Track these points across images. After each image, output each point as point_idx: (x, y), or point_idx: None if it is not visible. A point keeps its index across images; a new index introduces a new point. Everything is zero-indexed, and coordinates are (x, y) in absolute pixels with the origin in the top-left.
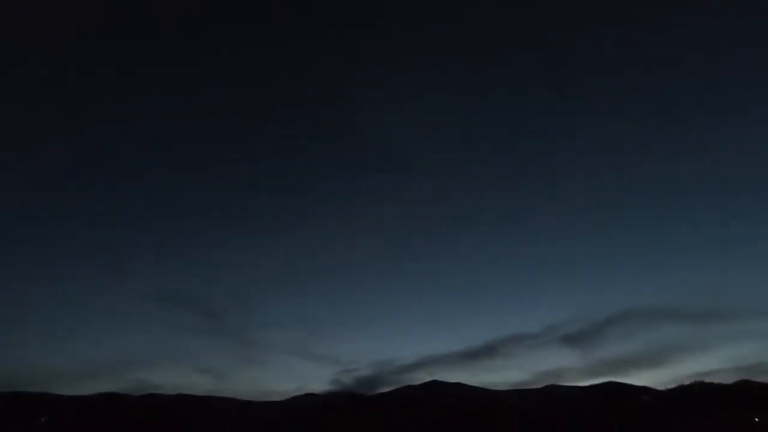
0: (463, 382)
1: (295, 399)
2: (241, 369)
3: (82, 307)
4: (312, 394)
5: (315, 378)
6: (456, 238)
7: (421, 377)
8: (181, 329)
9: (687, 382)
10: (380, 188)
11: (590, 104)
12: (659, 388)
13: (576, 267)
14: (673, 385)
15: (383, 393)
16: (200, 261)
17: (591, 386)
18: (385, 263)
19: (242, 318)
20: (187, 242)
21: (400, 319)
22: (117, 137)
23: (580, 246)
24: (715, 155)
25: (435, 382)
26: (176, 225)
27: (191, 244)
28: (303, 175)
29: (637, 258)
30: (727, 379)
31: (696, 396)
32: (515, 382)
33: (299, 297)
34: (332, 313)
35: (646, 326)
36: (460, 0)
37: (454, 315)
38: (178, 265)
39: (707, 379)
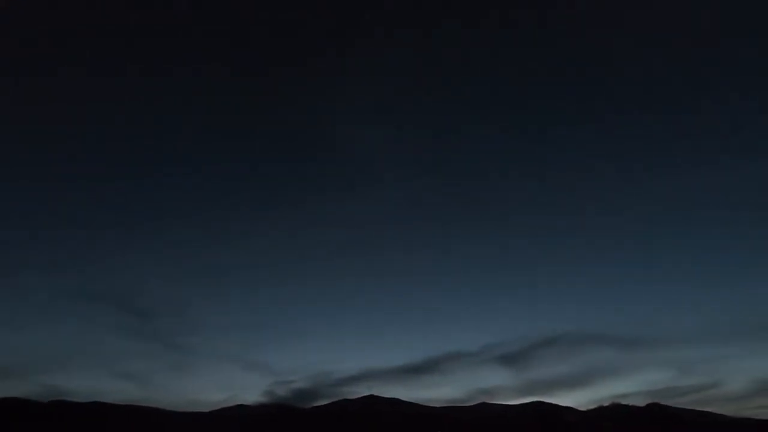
0: (400, 397)
1: (225, 410)
2: (168, 376)
3: None
4: (242, 405)
5: (248, 388)
6: (400, 254)
7: (359, 391)
8: (102, 329)
9: (606, 404)
10: (327, 198)
11: (546, 127)
12: (582, 409)
13: (516, 290)
14: (593, 406)
15: (319, 406)
16: (131, 259)
17: (521, 405)
18: (327, 274)
19: (173, 320)
20: (119, 239)
21: (340, 331)
22: (48, 133)
23: (521, 271)
24: (641, 190)
25: (372, 397)
26: (106, 220)
27: (123, 241)
28: (249, 178)
29: (571, 286)
30: (640, 402)
31: (612, 417)
32: (450, 399)
33: (237, 302)
34: (271, 321)
35: (574, 349)
36: (426, 19)
37: (396, 329)
38: (106, 261)
39: (623, 401)
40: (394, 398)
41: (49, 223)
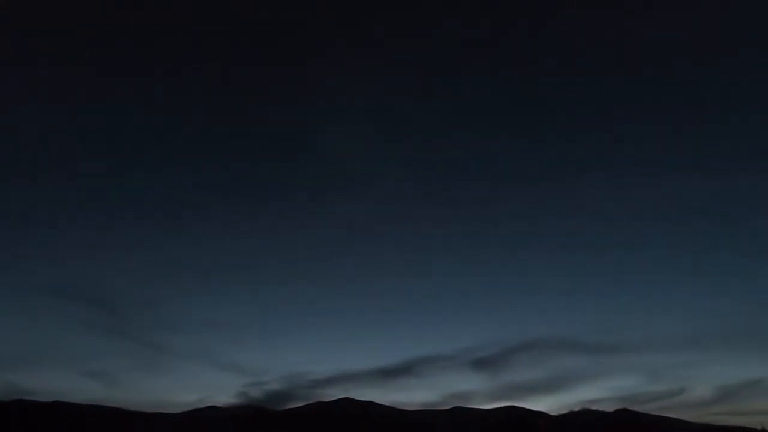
0: (375, 400)
1: (196, 411)
2: (138, 375)
3: None
4: (214, 407)
5: (221, 389)
6: (379, 256)
7: (334, 393)
8: (70, 326)
9: (576, 409)
10: (307, 198)
11: (531, 132)
12: (553, 414)
13: (493, 295)
14: (564, 411)
15: (292, 408)
16: (103, 254)
17: (494, 409)
18: (304, 274)
19: (145, 318)
20: (90, 234)
21: (316, 332)
22: (11, 129)
23: (498, 276)
24: (614, 200)
25: (347, 399)
26: (76, 213)
27: (94, 236)
28: (228, 177)
29: (546, 292)
30: (609, 407)
31: (582, 421)
32: (425, 402)
33: (211, 301)
34: (246, 321)
35: (548, 355)
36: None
37: (372, 332)
38: (75, 256)
39: (593, 407)
40: (369, 401)
41: (14, 217)
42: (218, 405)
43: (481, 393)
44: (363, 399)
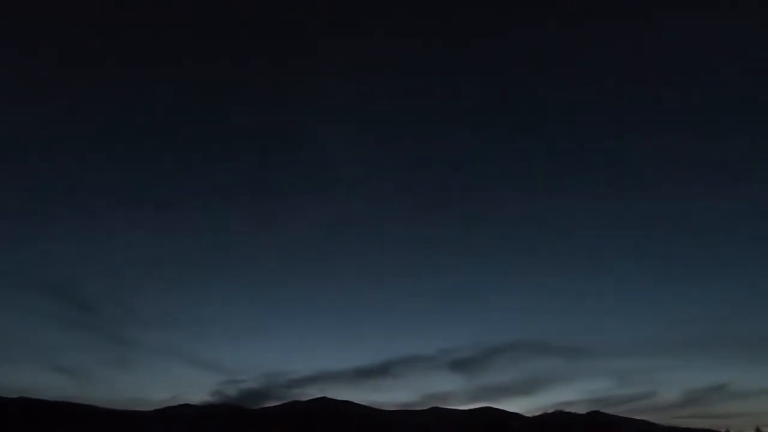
0: (353, 400)
1: (168, 409)
2: (109, 371)
3: None
4: (188, 405)
5: (195, 387)
6: (359, 256)
7: (312, 393)
8: (38, 320)
9: (550, 411)
10: (286, 196)
11: (513, 137)
12: (527, 415)
13: (472, 297)
14: (538, 413)
15: (268, 407)
16: (75, 247)
17: (470, 410)
18: (285, 271)
19: (118, 313)
20: (61, 226)
21: (294, 331)
22: None
23: (478, 278)
24: (587, 210)
25: (324, 399)
26: (48, 204)
27: (66, 228)
28: (205, 172)
29: (524, 296)
30: (582, 410)
31: (555, 423)
32: (403, 403)
33: (188, 297)
34: (223, 318)
35: (525, 357)
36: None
37: (351, 331)
38: (46, 249)
39: (566, 409)
40: (346, 401)
41: None
42: (192, 403)
43: (458, 394)
44: (340, 399)
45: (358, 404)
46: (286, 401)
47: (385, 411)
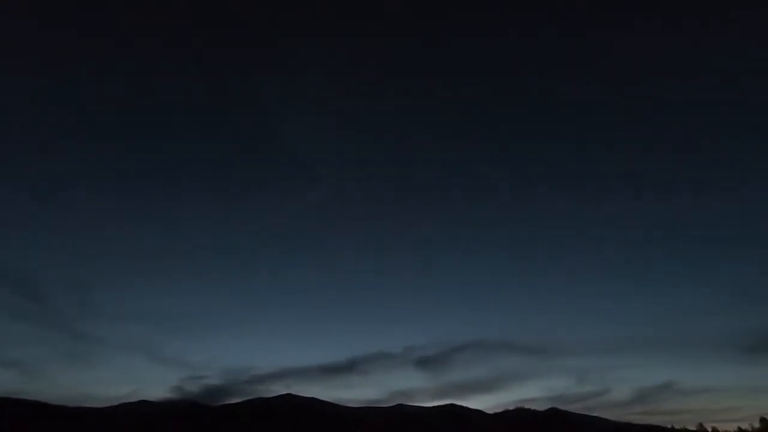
0: (318, 396)
1: (125, 405)
2: (62, 366)
3: None
4: (146, 401)
5: (155, 383)
6: (328, 254)
7: (277, 389)
8: None
9: (511, 407)
10: (255, 192)
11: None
12: (489, 412)
13: (438, 296)
14: (500, 410)
15: (230, 404)
16: (29, 234)
17: (434, 407)
18: (249, 268)
19: (77, 306)
20: (15, 209)
21: (261, 327)
22: None
23: (446, 278)
24: (551, 213)
25: (289, 395)
26: (11, 193)
27: (18, 213)
28: (173, 164)
29: (489, 296)
30: (541, 407)
31: (516, 419)
32: (369, 400)
33: (149, 291)
34: (185, 312)
35: (488, 356)
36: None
37: (318, 328)
38: (3, 233)
39: (526, 406)
40: (311, 398)
41: None
42: (150, 399)
43: (422, 391)
44: (305, 395)
45: (323, 401)
46: (249, 397)
47: (350, 408)
